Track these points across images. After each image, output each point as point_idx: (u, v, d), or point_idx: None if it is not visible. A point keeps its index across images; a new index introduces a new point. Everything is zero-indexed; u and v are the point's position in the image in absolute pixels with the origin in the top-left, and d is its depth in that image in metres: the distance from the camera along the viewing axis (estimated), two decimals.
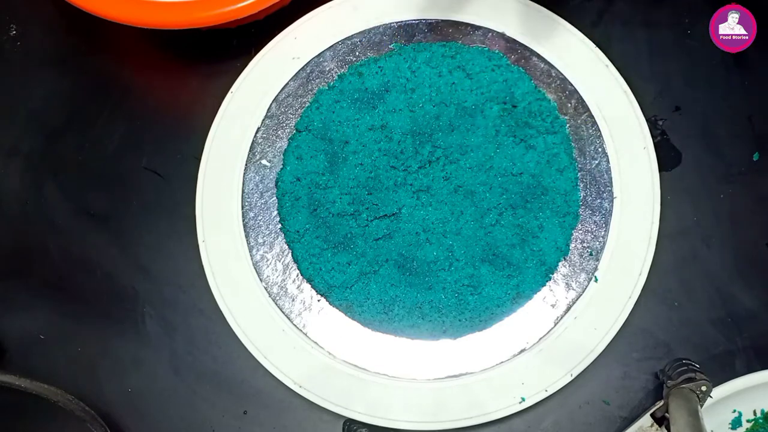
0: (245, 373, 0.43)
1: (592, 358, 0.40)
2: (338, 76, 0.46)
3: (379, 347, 0.41)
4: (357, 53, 0.46)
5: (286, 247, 0.43)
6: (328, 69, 0.46)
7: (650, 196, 0.43)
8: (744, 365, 0.42)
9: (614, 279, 0.41)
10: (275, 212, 0.43)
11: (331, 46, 0.46)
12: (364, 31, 0.47)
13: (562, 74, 0.45)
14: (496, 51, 0.45)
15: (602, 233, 0.42)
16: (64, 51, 0.50)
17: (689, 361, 0.39)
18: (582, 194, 0.43)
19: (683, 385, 0.38)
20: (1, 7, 0.51)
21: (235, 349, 0.42)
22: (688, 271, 0.43)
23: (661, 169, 0.43)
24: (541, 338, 0.40)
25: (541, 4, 0.46)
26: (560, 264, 0.42)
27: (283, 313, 0.42)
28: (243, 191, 0.44)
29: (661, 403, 0.39)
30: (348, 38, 0.46)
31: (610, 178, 0.43)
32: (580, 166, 0.43)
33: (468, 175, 0.43)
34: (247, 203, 0.44)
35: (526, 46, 0.46)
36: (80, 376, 0.43)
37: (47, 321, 0.44)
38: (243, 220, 0.43)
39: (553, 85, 0.45)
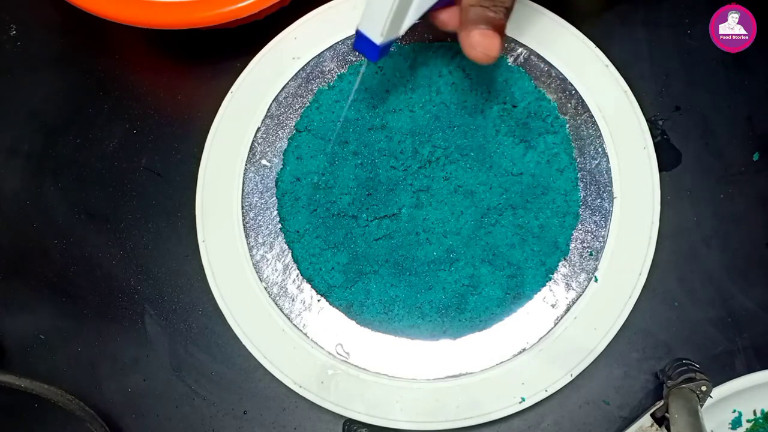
0: (245, 373, 0.43)
1: (592, 358, 0.40)
2: (338, 76, 0.46)
3: (379, 347, 0.41)
4: (357, 53, 0.46)
5: (286, 247, 0.43)
6: (328, 69, 0.46)
7: (650, 196, 0.43)
8: (744, 365, 0.42)
9: (614, 279, 0.41)
10: (275, 212, 0.43)
11: (331, 46, 0.46)
12: None
13: (562, 74, 0.45)
14: None
15: (602, 233, 0.42)
16: (64, 51, 0.50)
17: (689, 361, 0.39)
18: (582, 194, 0.43)
19: (683, 385, 0.38)
20: (1, 7, 0.51)
21: (235, 349, 0.42)
22: (688, 271, 0.43)
23: (661, 169, 0.43)
24: (541, 338, 0.40)
25: (541, 4, 0.46)
26: (560, 264, 0.42)
27: (283, 313, 0.42)
28: (243, 191, 0.44)
29: (661, 403, 0.38)
30: (348, 38, 0.46)
31: (610, 178, 0.43)
32: (580, 166, 0.43)
33: (468, 175, 0.42)
34: (247, 203, 0.44)
35: (526, 46, 0.46)
36: (80, 376, 0.43)
37: (47, 321, 0.44)
38: (243, 220, 0.43)
39: (553, 85, 0.45)
